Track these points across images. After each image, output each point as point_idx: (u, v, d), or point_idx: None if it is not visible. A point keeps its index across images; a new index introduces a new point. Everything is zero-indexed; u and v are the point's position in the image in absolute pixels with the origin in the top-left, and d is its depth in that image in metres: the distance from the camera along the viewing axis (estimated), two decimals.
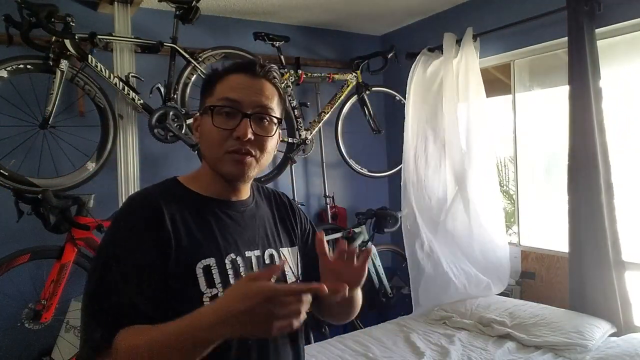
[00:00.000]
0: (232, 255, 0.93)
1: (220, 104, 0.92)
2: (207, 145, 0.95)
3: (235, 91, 0.93)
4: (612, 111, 2.48)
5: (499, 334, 2.39)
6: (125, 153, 2.67)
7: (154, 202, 0.90)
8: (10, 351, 2.47)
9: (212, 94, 0.95)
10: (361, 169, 3.40)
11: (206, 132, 0.94)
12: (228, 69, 0.97)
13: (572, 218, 2.47)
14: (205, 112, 0.95)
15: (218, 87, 0.95)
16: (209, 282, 0.89)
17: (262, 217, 1.05)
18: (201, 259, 0.90)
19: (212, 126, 0.92)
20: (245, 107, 0.92)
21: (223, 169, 0.94)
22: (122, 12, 2.67)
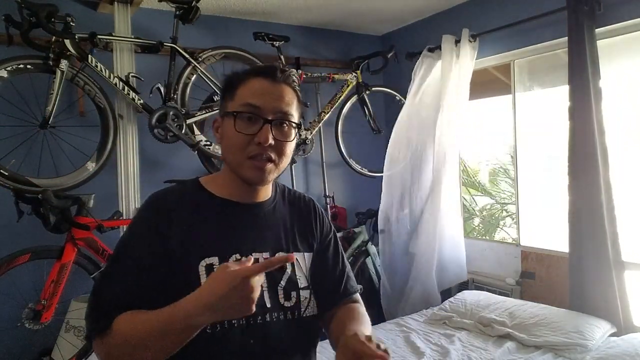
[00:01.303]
0: (237, 255, 0.96)
1: (243, 109, 0.95)
2: (229, 149, 0.98)
3: (257, 97, 0.95)
4: (612, 111, 2.48)
5: (499, 334, 2.39)
6: (125, 153, 2.67)
7: (167, 202, 0.97)
8: (10, 351, 2.47)
9: (234, 98, 0.97)
10: (361, 169, 3.40)
11: (228, 136, 0.97)
12: (249, 72, 0.99)
13: (572, 218, 2.47)
14: (227, 115, 0.97)
15: (239, 90, 0.97)
16: None
17: (278, 219, 1.06)
18: (205, 258, 0.93)
19: (234, 131, 0.94)
20: (266, 112, 0.95)
21: (243, 173, 0.96)
22: (122, 12, 2.67)
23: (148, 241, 0.92)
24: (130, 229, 0.96)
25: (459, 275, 3.08)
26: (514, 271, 2.97)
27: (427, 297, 3.05)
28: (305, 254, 1.07)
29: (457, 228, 3.12)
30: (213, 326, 0.89)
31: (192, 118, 2.71)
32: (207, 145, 2.79)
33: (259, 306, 0.92)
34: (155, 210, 0.96)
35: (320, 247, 1.11)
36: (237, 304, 0.77)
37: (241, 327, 0.92)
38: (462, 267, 3.09)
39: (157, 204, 0.97)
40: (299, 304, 1.00)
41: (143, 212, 0.98)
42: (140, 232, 0.94)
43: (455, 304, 2.75)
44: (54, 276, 2.27)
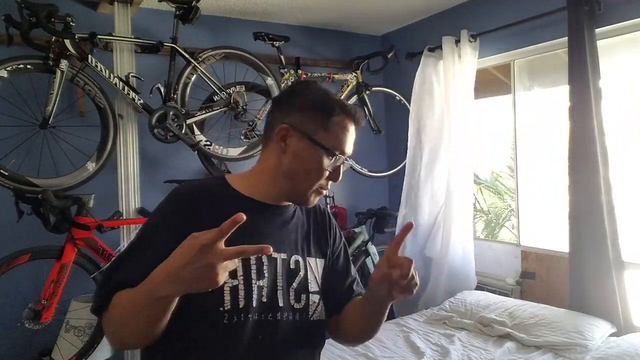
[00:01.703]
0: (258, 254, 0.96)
1: (338, 153, 1.00)
2: (303, 174, 1.00)
3: (348, 144, 1.02)
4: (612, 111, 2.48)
5: (499, 334, 2.39)
6: (125, 153, 2.67)
7: (192, 197, 0.97)
8: (10, 351, 2.47)
9: (327, 130, 0.99)
10: (361, 169, 3.40)
11: (310, 163, 1.00)
12: (345, 108, 1.02)
13: (572, 218, 2.47)
14: (317, 144, 0.99)
15: (335, 124, 1.00)
16: (231, 273, 0.89)
17: (296, 224, 1.09)
18: None
19: (322, 166, 0.99)
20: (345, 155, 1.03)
21: (304, 199, 1.03)
22: (122, 12, 2.67)
23: (173, 234, 0.88)
24: (155, 219, 0.96)
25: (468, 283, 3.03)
26: (514, 271, 2.97)
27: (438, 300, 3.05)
28: (318, 260, 1.10)
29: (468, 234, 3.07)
30: (230, 317, 0.91)
31: (192, 118, 2.71)
32: (207, 145, 2.79)
33: (272, 304, 0.97)
34: (185, 204, 0.95)
35: (332, 256, 1.15)
36: (200, 274, 0.75)
37: (254, 321, 0.94)
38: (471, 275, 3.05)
39: (187, 198, 0.97)
40: (307, 307, 1.03)
41: (172, 204, 0.97)
42: (166, 224, 0.94)
43: (455, 304, 2.75)
44: (54, 276, 2.28)
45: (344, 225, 3.47)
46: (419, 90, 3.26)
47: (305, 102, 1.01)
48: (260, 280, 0.97)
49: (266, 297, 0.97)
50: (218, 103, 2.83)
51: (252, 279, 0.95)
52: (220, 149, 2.85)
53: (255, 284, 0.95)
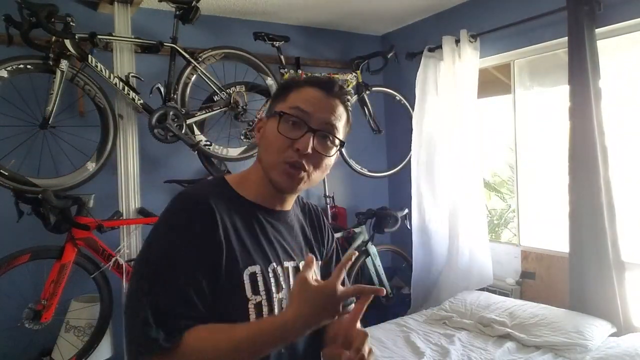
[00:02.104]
0: (274, 264, 0.95)
1: (291, 112, 0.92)
2: (266, 150, 0.95)
3: (308, 103, 0.93)
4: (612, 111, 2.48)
5: (499, 334, 2.39)
6: (125, 153, 2.67)
7: (207, 204, 0.89)
8: (10, 351, 2.47)
9: (285, 101, 0.95)
10: (361, 169, 3.40)
11: (268, 136, 0.94)
12: (307, 80, 0.98)
13: (572, 218, 2.47)
14: (272, 115, 0.95)
15: (292, 95, 0.95)
16: (254, 289, 0.90)
17: (297, 228, 1.06)
18: (248, 266, 0.91)
19: (276, 132, 0.92)
20: (313, 121, 0.92)
21: (274, 176, 0.93)
22: (122, 12, 2.67)
23: (200, 246, 0.86)
24: (170, 232, 0.87)
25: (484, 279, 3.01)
26: (514, 271, 2.97)
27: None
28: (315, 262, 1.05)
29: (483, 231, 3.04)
30: None
31: (192, 118, 2.71)
32: (207, 145, 2.79)
33: None
34: (202, 213, 0.88)
35: (327, 258, 1.13)
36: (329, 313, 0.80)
37: None
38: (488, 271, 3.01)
39: (200, 205, 0.89)
40: None
41: (183, 213, 0.88)
42: (185, 235, 0.86)
43: (455, 304, 2.75)
44: (54, 276, 2.28)
45: (344, 226, 3.47)
46: (420, 91, 3.26)
47: (274, 92, 0.99)
48: (280, 293, 0.95)
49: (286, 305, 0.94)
50: (218, 103, 2.83)
51: (272, 293, 0.93)
52: (220, 149, 2.85)
53: (275, 298, 0.93)
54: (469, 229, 3.01)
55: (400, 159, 3.54)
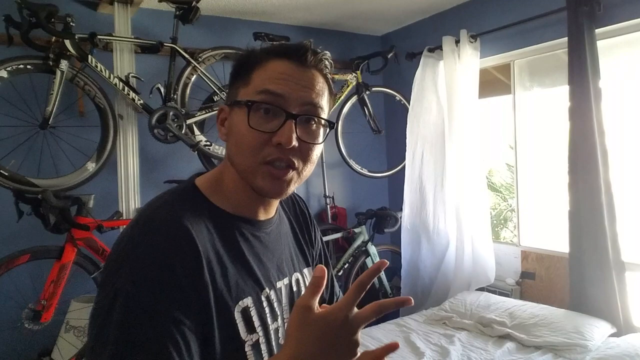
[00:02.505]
0: (267, 290, 0.78)
1: (260, 98, 0.72)
2: (238, 150, 0.74)
3: (279, 83, 0.72)
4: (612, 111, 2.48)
5: (499, 334, 2.39)
6: (125, 153, 2.68)
7: (188, 235, 0.67)
8: (10, 351, 2.47)
9: (248, 83, 0.74)
10: (361, 169, 3.40)
11: (238, 133, 0.74)
12: (270, 51, 0.76)
13: (572, 218, 2.47)
14: (237, 105, 0.74)
15: (256, 74, 0.74)
16: (249, 327, 0.73)
17: (286, 234, 0.88)
18: (239, 301, 0.73)
19: (246, 126, 0.72)
20: (290, 104, 0.72)
21: (257, 182, 0.74)
22: (122, 12, 2.67)
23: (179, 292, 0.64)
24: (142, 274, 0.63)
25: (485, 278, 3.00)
26: (513, 271, 2.97)
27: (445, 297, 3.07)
28: (309, 269, 0.92)
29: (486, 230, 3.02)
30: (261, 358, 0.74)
31: (192, 118, 2.71)
32: (207, 145, 2.79)
33: None
34: (176, 248, 0.66)
35: (316, 257, 0.97)
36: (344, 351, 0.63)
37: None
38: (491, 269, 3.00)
39: (175, 236, 0.67)
40: None
41: (156, 249, 0.65)
42: (163, 280, 0.63)
43: (455, 304, 2.75)
44: (54, 276, 2.28)
45: (344, 226, 3.47)
46: (417, 90, 3.26)
47: (234, 71, 0.78)
48: (275, 322, 0.78)
49: (283, 338, 0.78)
50: (218, 103, 2.83)
51: (268, 325, 0.77)
52: (220, 149, 2.85)
53: (271, 329, 0.77)
54: (472, 228, 3.01)
55: (400, 159, 3.54)
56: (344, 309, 0.62)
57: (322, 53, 0.79)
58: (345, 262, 3.23)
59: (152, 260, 0.64)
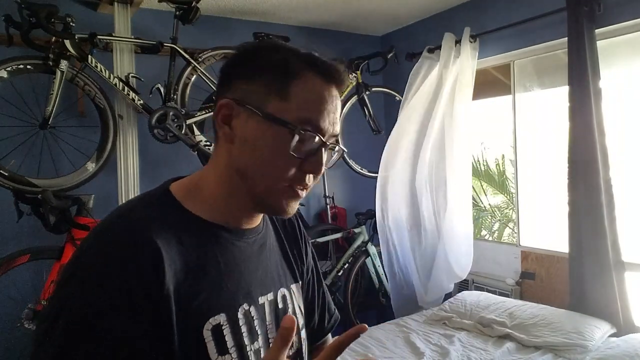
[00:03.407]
0: (244, 306, 0.72)
1: (306, 130, 0.67)
2: (264, 169, 0.69)
3: (319, 113, 0.68)
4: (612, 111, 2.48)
5: (498, 334, 2.39)
6: (125, 153, 2.67)
7: (148, 245, 0.62)
8: (10, 351, 2.47)
9: (286, 98, 0.68)
10: (361, 169, 3.40)
11: (267, 150, 0.68)
12: (307, 61, 0.71)
13: (572, 218, 2.47)
14: (274, 121, 0.67)
15: (295, 89, 0.68)
16: (220, 348, 0.67)
17: (271, 246, 0.82)
18: (209, 318, 0.67)
19: (285, 150, 0.67)
20: (325, 134, 0.70)
21: (275, 203, 0.71)
22: (122, 12, 2.67)
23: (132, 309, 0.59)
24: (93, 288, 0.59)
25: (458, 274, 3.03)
26: (513, 271, 2.97)
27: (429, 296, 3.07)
28: (296, 285, 0.85)
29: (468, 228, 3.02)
30: None
31: (192, 118, 2.71)
32: (207, 145, 2.79)
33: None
34: (133, 258, 0.61)
35: (307, 273, 0.90)
36: None
37: None
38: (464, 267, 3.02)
39: (134, 245, 0.62)
40: (301, 348, 0.81)
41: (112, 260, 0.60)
42: (115, 296, 0.58)
43: (455, 305, 2.75)
44: (54, 276, 2.28)
45: (344, 226, 3.47)
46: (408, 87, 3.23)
47: (255, 65, 0.70)
48: (255, 343, 0.71)
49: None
50: None
51: (244, 346, 0.70)
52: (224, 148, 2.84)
53: (249, 350, 0.70)
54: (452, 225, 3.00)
55: None
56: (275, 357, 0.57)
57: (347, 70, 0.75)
58: (345, 262, 3.23)
59: (102, 273, 0.59)
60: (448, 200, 3.01)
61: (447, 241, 3.01)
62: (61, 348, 0.57)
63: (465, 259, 3.01)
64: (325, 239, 3.27)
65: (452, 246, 3.00)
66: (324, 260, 3.39)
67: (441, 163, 3.08)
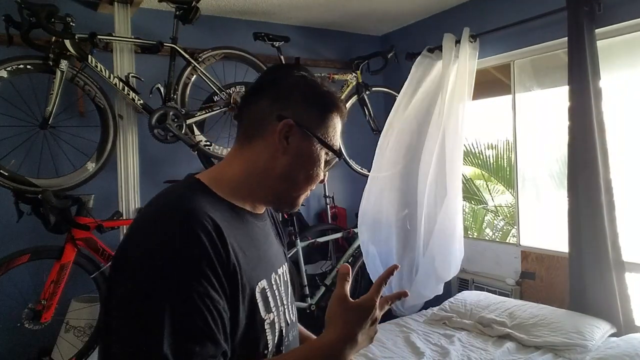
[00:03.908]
0: (273, 274, 0.87)
1: (334, 152, 0.88)
2: (304, 177, 0.86)
3: (336, 140, 0.89)
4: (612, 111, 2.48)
5: (498, 334, 2.39)
6: (125, 153, 2.68)
7: (211, 219, 0.73)
8: (10, 351, 2.47)
9: (324, 125, 0.86)
10: (361, 169, 3.40)
11: (311, 163, 0.85)
12: (338, 105, 0.89)
13: (572, 218, 2.47)
14: (321, 143, 0.86)
15: (329, 119, 0.87)
16: (267, 307, 0.81)
17: (270, 229, 0.97)
18: (258, 282, 0.81)
19: (320, 163, 0.86)
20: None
21: (292, 204, 0.89)
22: (122, 12, 2.67)
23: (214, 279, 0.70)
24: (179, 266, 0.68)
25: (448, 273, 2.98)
26: (513, 271, 2.97)
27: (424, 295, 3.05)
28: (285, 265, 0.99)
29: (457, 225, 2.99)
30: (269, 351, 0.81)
31: (192, 118, 2.71)
32: (207, 145, 2.79)
33: (288, 324, 0.89)
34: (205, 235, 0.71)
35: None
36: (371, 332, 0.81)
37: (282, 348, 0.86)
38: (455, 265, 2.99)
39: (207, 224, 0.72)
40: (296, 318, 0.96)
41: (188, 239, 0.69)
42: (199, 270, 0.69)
43: (455, 304, 2.75)
44: (54, 276, 2.28)
45: (344, 226, 3.47)
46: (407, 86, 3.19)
47: (304, 93, 0.86)
48: (282, 305, 0.88)
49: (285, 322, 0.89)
50: (218, 103, 2.83)
51: (279, 306, 0.86)
52: (220, 149, 2.85)
53: (282, 311, 0.88)
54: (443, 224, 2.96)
55: None
56: (374, 298, 0.79)
57: None
58: (345, 262, 3.23)
59: (178, 247, 0.68)
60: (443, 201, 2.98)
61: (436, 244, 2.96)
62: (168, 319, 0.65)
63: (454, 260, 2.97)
64: (325, 239, 3.27)
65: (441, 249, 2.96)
66: (324, 260, 3.39)
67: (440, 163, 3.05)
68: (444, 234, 2.96)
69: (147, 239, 0.71)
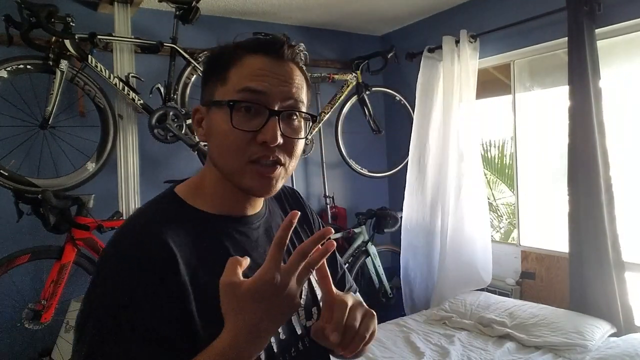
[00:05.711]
0: None
1: (241, 97, 0.71)
2: (222, 151, 0.74)
3: (259, 79, 0.72)
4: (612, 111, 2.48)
5: (499, 334, 2.39)
6: (125, 153, 2.68)
7: (159, 241, 0.68)
8: (10, 351, 2.47)
9: (226, 82, 0.74)
10: (361, 169, 3.40)
11: (220, 134, 0.73)
12: (244, 47, 0.75)
13: (572, 218, 2.47)
14: (216, 105, 0.74)
15: (233, 72, 0.73)
16: None
17: (277, 226, 0.84)
18: None
19: (230, 126, 0.71)
20: (272, 101, 0.72)
21: (244, 183, 0.74)
22: (122, 12, 2.67)
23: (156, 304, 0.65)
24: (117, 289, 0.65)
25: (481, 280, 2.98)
26: (514, 271, 2.97)
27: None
28: None
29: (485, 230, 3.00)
30: None
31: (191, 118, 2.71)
32: (207, 145, 2.79)
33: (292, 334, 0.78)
34: (149, 256, 0.66)
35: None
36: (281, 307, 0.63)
37: None
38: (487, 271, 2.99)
39: (148, 244, 0.67)
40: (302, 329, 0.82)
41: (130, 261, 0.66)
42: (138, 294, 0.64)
43: (455, 304, 2.75)
44: (54, 276, 2.28)
45: (344, 226, 3.47)
46: (421, 93, 3.25)
47: (204, 71, 0.79)
48: None
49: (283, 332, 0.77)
50: None
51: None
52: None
53: None
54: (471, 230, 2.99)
55: (400, 159, 3.55)
56: (271, 269, 0.61)
57: (297, 46, 0.78)
58: (345, 262, 3.22)
59: (122, 274, 0.65)
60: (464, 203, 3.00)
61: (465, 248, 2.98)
62: (92, 344, 0.63)
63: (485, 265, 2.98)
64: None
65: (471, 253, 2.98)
66: None
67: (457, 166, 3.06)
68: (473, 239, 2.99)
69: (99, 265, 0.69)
